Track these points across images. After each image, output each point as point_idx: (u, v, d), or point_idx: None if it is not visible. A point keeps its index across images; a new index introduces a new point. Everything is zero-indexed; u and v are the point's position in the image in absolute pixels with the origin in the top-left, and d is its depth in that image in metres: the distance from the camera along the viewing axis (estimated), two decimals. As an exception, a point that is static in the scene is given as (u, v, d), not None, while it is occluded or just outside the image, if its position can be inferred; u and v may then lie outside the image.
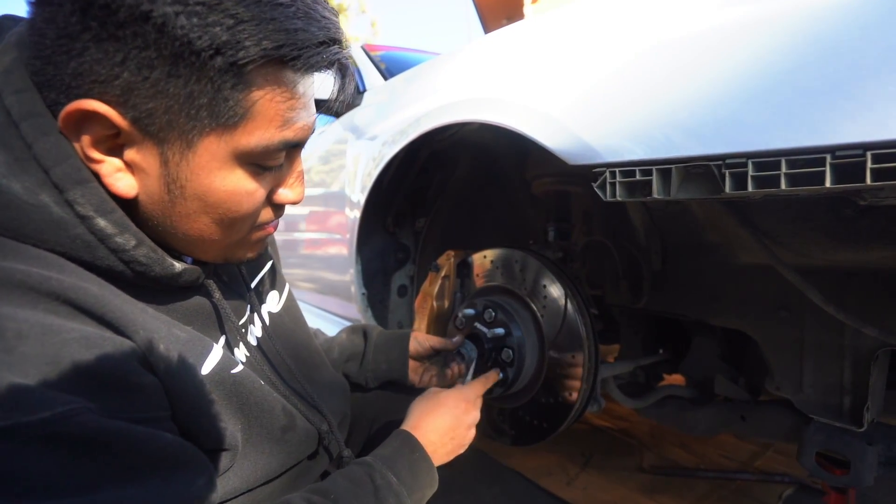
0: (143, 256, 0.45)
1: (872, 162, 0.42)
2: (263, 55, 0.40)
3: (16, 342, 0.34)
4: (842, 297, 0.75)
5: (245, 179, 0.46)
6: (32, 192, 0.40)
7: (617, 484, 1.47)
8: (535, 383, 0.94)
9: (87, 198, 0.41)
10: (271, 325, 0.69)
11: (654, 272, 1.03)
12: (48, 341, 0.36)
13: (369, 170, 1.26)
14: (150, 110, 0.40)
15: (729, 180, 0.51)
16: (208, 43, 0.38)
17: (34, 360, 0.35)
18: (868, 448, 0.78)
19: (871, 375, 0.76)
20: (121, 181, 0.43)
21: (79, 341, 0.37)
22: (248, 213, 0.49)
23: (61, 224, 0.41)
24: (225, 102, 0.41)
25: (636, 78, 0.62)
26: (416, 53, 2.14)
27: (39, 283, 0.37)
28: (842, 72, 0.45)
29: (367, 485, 0.57)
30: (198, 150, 0.43)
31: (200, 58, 0.39)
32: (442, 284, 1.10)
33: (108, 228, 0.42)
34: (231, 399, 0.51)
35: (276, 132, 0.45)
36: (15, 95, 0.40)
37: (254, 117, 0.43)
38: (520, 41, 0.87)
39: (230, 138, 0.43)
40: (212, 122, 0.42)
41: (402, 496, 0.59)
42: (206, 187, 0.45)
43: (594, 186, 0.63)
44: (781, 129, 0.48)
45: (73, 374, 0.36)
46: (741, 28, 0.53)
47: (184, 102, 0.40)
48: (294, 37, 0.41)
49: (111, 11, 0.37)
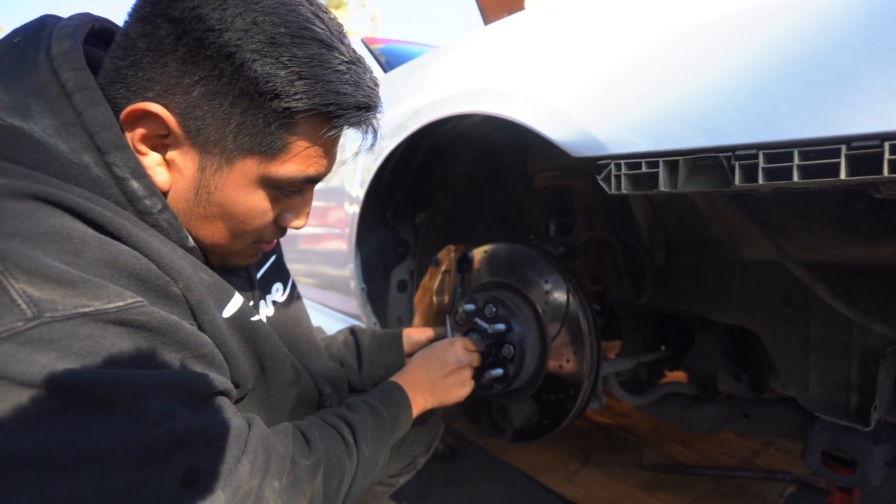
0: (165, 221, 0.50)
1: (890, 153, 0.41)
2: (312, 108, 0.48)
3: (81, 247, 0.40)
4: (850, 293, 0.74)
5: (264, 200, 0.54)
6: (77, 152, 0.45)
7: (617, 481, 1.46)
8: (535, 380, 0.92)
9: (125, 161, 0.47)
10: (276, 314, 0.72)
11: (656, 268, 1.01)
12: (107, 249, 0.42)
13: (368, 164, 1.25)
14: (206, 126, 0.48)
15: (739, 172, 0.49)
16: (271, 88, 0.46)
17: (98, 262, 0.41)
18: (875, 447, 0.76)
19: (879, 373, 0.75)
20: (159, 174, 0.50)
21: (129, 252, 0.44)
22: (257, 228, 0.56)
23: (99, 182, 0.46)
24: (270, 136, 0.49)
25: (642, 68, 0.60)
26: (417, 47, 2.11)
27: (86, 211, 0.43)
28: (857, 60, 0.43)
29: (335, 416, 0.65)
30: (234, 167, 0.50)
31: (262, 97, 0.47)
32: (442, 279, 1.09)
33: (140, 191, 0.48)
34: (248, 344, 0.57)
35: (304, 168, 0.52)
36: (72, 72, 0.46)
37: (289, 154, 0.51)
38: (522, 32, 0.85)
39: (264, 166, 0.51)
40: (254, 148, 0.49)
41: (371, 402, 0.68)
42: (230, 199, 0.52)
43: (598, 179, 0.61)
44: (794, 119, 0.46)
45: (129, 278, 0.43)
46: (753, 16, 0.51)
47: (235, 127, 0.48)
48: (342, 99, 0.49)
49: (202, 45, 0.45)
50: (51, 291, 0.37)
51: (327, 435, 0.60)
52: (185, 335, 0.45)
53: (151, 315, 0.42)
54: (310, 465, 0.54)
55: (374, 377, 0.91)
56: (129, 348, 0.40)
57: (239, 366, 0.53)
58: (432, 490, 1.42)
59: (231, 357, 0.52)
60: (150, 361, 0.42)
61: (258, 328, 0.58)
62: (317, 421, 0.62)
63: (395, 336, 0.95)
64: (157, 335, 0.42)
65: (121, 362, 0.39)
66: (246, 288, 0.66)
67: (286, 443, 0.54)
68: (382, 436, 0.66)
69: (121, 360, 0.40)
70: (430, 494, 1.40)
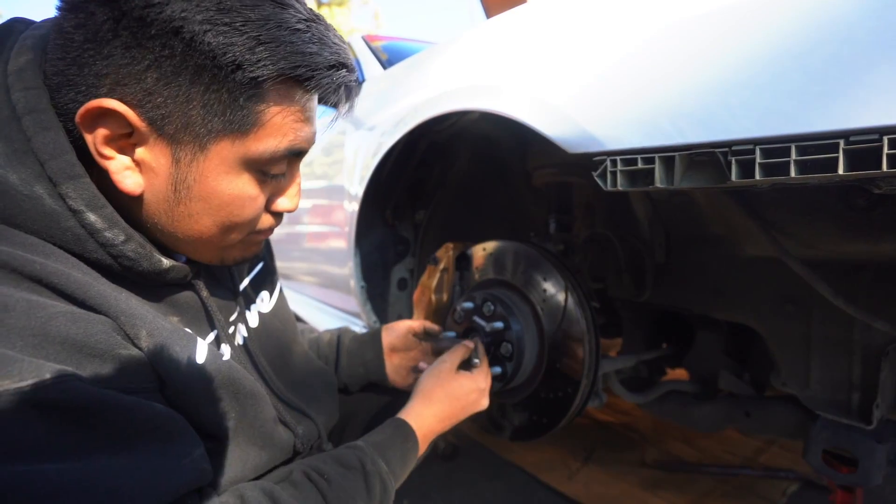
0: (132, 251, 0.46)
1: (889, 147, 0.40)
2: (279, 73, 0.44)
3: (3, 314, 0.35)
4: (851, 290, 0.73)
5: (250, 185, 0.49)
6: (27, 183, 0.41)
7: (619, 479, 1.46)
8: (534, 378, 0.92)
9: (79, 192, 0.43)
10: (261, 324, 0.69)
11: (657, 265, 1.01)
12: (34, 314, 0.37)
13: (367, 161, 1.24)
14: (169, 113, 0.43)
15: (735, 168, 0.49)
16: (231, 59, 0.42)
17: (21, 331, 0.36)
18: (877, 446, 0.76)
19: (882, 371, 0.74)
20: (128, 178, 0.45)
21: (65, 315, 0.38)
22: (249, 219, 0.51)
23: (53, 216, 0.42)
24: (240, 111, 0.45)
25: (638, 63, 0.60)
26: (419, 44, 2.10)
27: (22, 266, 0.38)
28: (856, 54, 0.42)
29: (358, 469, 0.58)
30: (209, 153, 0.46)
31: (223, 71, 0.42)
32: (441, 277, 1.09)
33: (98, 223, 0.44)
34: (225, 387, 0.52)
35: (283, 141, 0.48)
36: (23, 92, 0.42)
37: (264, 127, 0.46)
38: (519, 28, 0.85)
39: (241, 145, 0.46)
40: (225, 128, 0.45)
41: (388, 483, 0.60)
42: (212, 189, 0.47)
43: (594, 176, 0.60)
44: (791, 113, 0.46)
45: (61, 346, 0.37)
46: (749, 9, 0.50)
47: (201, 109, 0.43)
48: (309, 59, 0.45)
49: (144, 24, 0.40)
50: None
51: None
52: (123, 411, 0.38)
53: (76, 391, 0.35)
54: None
55: (352, 375, 0.88)
56: (41, 435, 0.34)
57: (210, 414, 0.49)
58: (434, 489, 1.42)
59: (202, 406, 0.48)
60: (69, 450, 0.35)
61: (232, 367, 0.54)
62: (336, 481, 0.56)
63: (374, 333, 0.91)
64: (82, 415, 0.36)
65: (38, 453, 0.33)
66: (228, 298, 0.63)
67: None
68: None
69: (38, 450, 0.34)
70: (432, 493, 1.40)
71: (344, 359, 0.89)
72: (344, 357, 0.89)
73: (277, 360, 0.69)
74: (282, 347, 0.72)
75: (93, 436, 0.37)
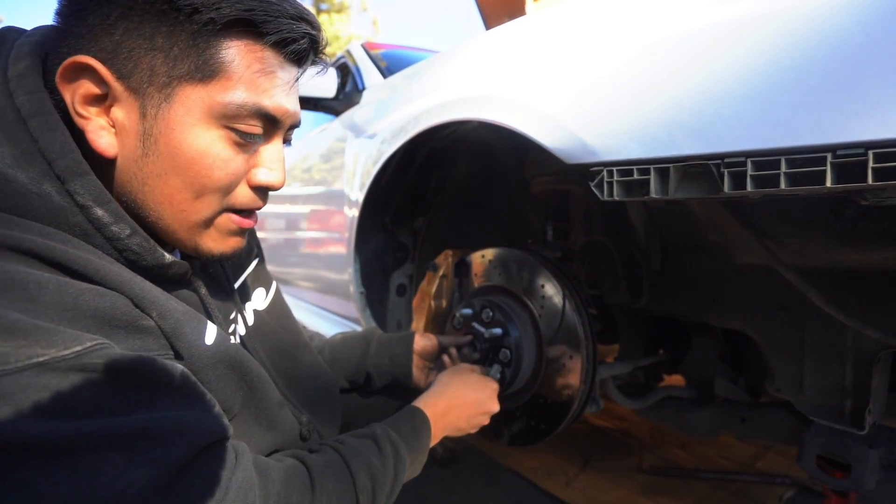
0: (137, 245, 0.48)
1: (874, 161, 0.41)
2: (236, 15, 0.45)
3: (37, 292, 0.38)
4: (843, 298, 0.74)
5: (218, 142, 0.49)
6: (36, 181, 0.43)
7: (616, 485, 1.46)
8: (532, 384, 0.93)
9: (87, 188, 0.45)
10: (256, 322, 0.70)
11: (653, 272, 1.02)
12: (66, 291, 0.40)
13: (368, 168, 1.26)
14: (136, 64, 0.45)
15: (728, 180, 0.50)
16: (188, 2, 0.44)
17: (56, 306, 0.39)
18: (869, 451, 0.77)
19: (873, 377, 0.75)
20: (103, 138, 0.46)
21: (91, 291, 0.42)
22: (221, 184, 0.50)
23: (62, 212, 0.44)
24: (201, 55, 0.46)
25: (634, 76, 0.61)
26: (418, 52, 2.13)
27: (44, 252, 0.41)
28: (844, 70, 0.44)
29: (369, 435, 0.64)
30: (174, 102, 0.46)
31: (181, 13, 0.44)
32: (440, 284, 1.10)
33: (105, 217, 0.46)
34: (232, 369, 0.54)
35: (250, 95, 0.48)
36: (26, 96, 0.44)
37: (227, 73, 0.47)
38: (518, 38, 0.86)
39: (204, 92, 0.47)
40: (187, 74, 0.46)
41: (399, 446, 0.64)
42: (178, 142, 0.47)
43: (591, 186, 0.62)
44: (781, 127, 0.47)
45: (91, 319, 0.41)
46: (740, 25, 0.52)
47: (165, 55, 0.45)
48: (266, 5, 0.47)
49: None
50: (2, 343, 0.35)
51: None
52: (154, 371, 0.42)
53: (114, 356, 0.39)
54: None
55: (378, 365, 0.90)
56: (90, 395, 0.38)
57: (221, 392, 0.52)
58: (432, 495, 1.42)
59: (211, 384, 0.50)
60: (115, 407, 0.39)
61: (238, 351, 0.56)
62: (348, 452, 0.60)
63: (407, 333, 0.95)
64: (122, 377, 0.40)
65: (82, 411, 0.37)
66: (224, 297, 0.64)
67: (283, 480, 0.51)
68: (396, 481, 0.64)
69: (81, 408, 0.37)
70: (430, 499, 1.40)
71: (373, 348, 0.91)
72: (374, 346, 0.91)
73: (276, 356, 0.70)
74: (280, 344, 0.73)
75: (130, 393, 0.40)
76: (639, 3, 0.64)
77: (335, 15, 17.94)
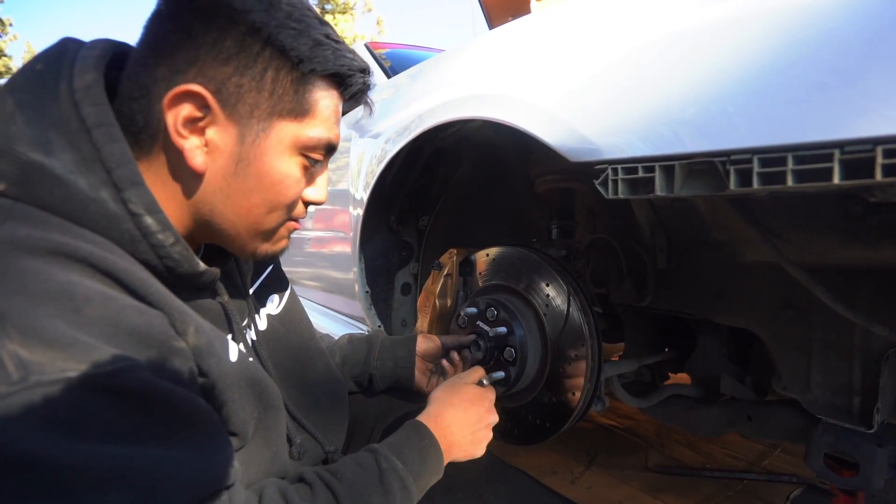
0: (177, 253, 0.51)
1: (883, 157, 0.41)
2: (333, 70, 0.54)
3: (83, 304, 0.40)
4: (851, 295, 0.74)
5: (296, 167, 0.56)
6: (95, 188, 0.46)
7: (622, 483, 1.46)
8: (537, 382, 0.93)
9: (141, 198, 0.48)
10: (269, 327, 0.71)
11: (659, 270, 1.01)
12: (109, 306, 0.42)
13: (372, 167, 1.26)
14: (241, 97, 0.51)
15: (734, 177, 0.50)
16: (296, 54, 0.51)
17: (98, 320, 0.40)
18: (878, 450, 0.76)
19: (882, 375, 0.75)
20: (198, 157, 0.52)
21: (132, 308, 0.44)
22: (291, 200, 0.57)
23: (114, 218, 0.47)
24: (298, 97, 0.53)
25: (639, 73, 0.61)
26: (422, 51, 2.13)
27: (98, 262, 0.43)
28: (851, 66, 0.44)
29: (373, 468, 0.59)
30: (270, 133, 0.53)
31: (289, 62, 0.52)
32: (444, 283, 1.10)
33: (154, 226, 0.49)
34: (253, 387, 0.56)
35: (324, 131, 0.56)
36: (93, 108, 0.47)
37: (314, 114, 0.55)
38: (522, 37, 0.86)
39: (295, 127, 0.54)
40: (286, 111, 0.53)
41: (406, 481, 0.61)
42: (267, 166, 0.54)
43: (596, 184, 0.62)
44: (788, 124, 0.47)
45: (128, 336, 0.42)
46: (747, 21, 0.51)
47: (268, 94, 0.52)
48: (350, 63, 0.56)
49: (231, 24, 0.49)
50: (41, 353, 0.36)
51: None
52: (178, 403, 0.43)
53: (143, 382, 0.40)
54: None
55: (381, 368, 0.90)
56: (110, 418, 0.39)
57: (240, 413, 0.53)
58: (436, 492, 1.42)
59: (235, 403, 0.52)
60: (130, 434, 0.40)
61: (257, 369, 0.58)
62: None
63: (410, 335, 0.95)
64: (146, 404, 0.41)
65: (101, 434, 0.38)
66: (240, 303, 0.66)
67: None
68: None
69: (101, 431, 0.38)
70: (435, 497, 1.40)
71: (376, 350, 0.92)
72: (376, 349, 0.92)
73: (286, 362, 0.71)
74: (291, 350, 0.74)
75: (150, 423, 0.41)
76: (642, 1, 0.64)
77: (339, 15, 17.95)
